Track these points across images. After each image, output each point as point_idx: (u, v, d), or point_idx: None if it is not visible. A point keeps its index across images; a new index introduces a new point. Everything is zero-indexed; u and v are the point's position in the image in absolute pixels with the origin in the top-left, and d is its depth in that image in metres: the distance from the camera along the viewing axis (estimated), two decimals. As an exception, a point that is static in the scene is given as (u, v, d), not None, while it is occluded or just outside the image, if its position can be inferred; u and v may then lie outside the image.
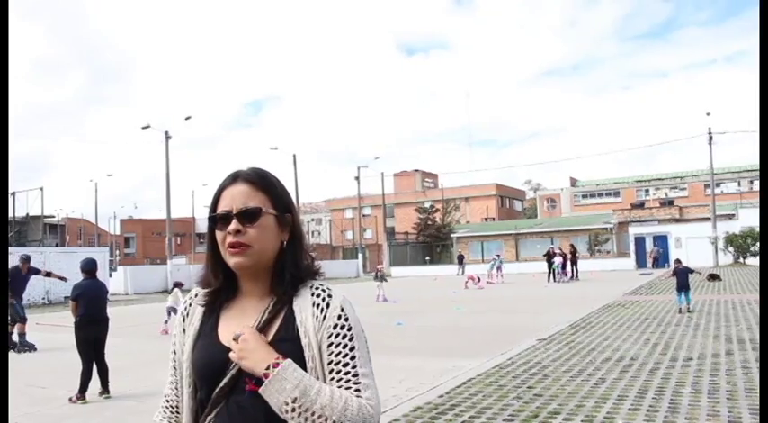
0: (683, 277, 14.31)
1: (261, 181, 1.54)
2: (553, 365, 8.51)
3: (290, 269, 1.52)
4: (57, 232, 66.50)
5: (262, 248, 1.49)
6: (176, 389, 1.61)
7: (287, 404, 1.34)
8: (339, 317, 1.48)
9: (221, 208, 1.51)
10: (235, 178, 1.54)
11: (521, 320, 14.74)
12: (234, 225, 1.47)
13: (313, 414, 1.34)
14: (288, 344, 1.45)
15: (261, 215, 1.49)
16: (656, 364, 8.30)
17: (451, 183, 76.47)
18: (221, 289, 1.57)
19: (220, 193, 1.53)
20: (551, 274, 30.87)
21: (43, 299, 26.77)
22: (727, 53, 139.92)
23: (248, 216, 1.48)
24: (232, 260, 1.48)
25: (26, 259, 12.95)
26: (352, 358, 1.45)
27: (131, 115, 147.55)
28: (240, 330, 1.43)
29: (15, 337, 12.42)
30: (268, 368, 1.36)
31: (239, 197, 1.50)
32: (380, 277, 23.14)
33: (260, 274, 1.53)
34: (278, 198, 1.54)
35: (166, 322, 14.30)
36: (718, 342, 9.93)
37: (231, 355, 1.41)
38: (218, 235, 1.50)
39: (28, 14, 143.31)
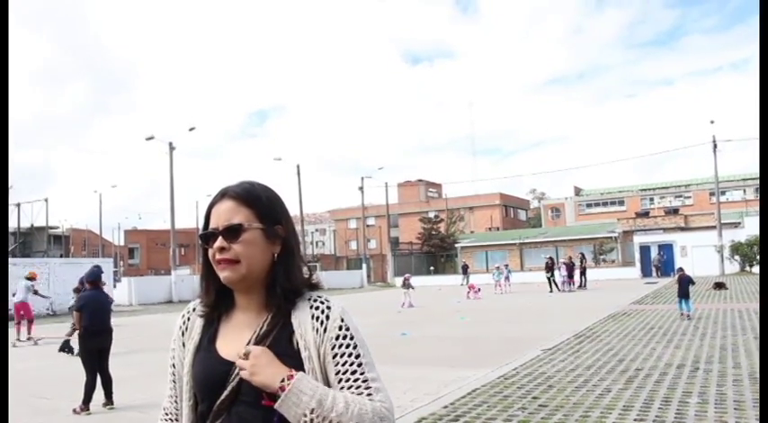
0: (684, 285, 14.85)
1: (246, 196, 1.54)
2: (558, 376, 8.46)
3: (282, 282, 1.52)
4: (61, 243, 66.57)
5: (248, 263, 1.49)
6: (175, 402, 1.61)
7: (305, 416, 1.36)
8: (340, 327, 1.48)
9: (210, 225, 1.53)
10: (222, 195, 1.55)
11: (525, 330, 14.68)
12: (219, 242, 1.49)
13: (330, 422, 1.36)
14: (287, 358, 1.44)
15: (243, 231, 1.49)
16: (661, 374, 8.24)
17: (456, 192, 76.46)
18: (219, 302, 1.57)
19: (210, 210, 1.55)
20: (551, 284, 30.74)
21: (47, 309, 26.79)
22: (732, 60, 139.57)
23: (231, 232, 1.49)
24: (221, 275, 1.50)
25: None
26: (360, 365, 1.46)
27: (136, 125, 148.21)
28: (248, 347, 1.44)
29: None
30: (283, 381, 1.37)
31: (224, 214, 1.51)
32: (407, 285, 25.71)
33: (253, 287, 1.53)
34: (264, 211, 1.54)
35: None
36: (725, 351, 9.87)
37: (242, 373, 1.41)
38: (210, 252, 1.52)
39: (32, 23, 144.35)
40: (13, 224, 50.03)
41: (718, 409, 6.26)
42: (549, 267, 31.26)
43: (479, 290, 28.46)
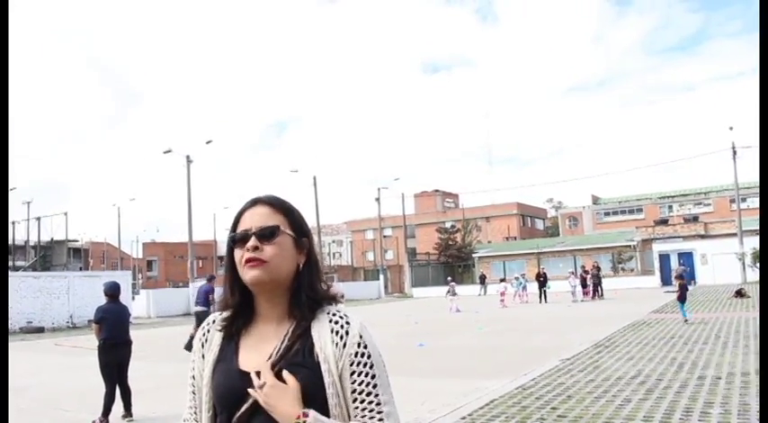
0: (684, 292, 16.57)
1: (280, 204, 1.60)
2: (577, 386, 8.39)
3: (307, 291, 1.54)
4: (80, 256, 67.26)
5: (278, 265, 1.51)
6: (195, 413, 1.62)
7: None
8: (359, 344, 1.50)
9: (241, 228, 1.55)
10: (255, 202, 1.60)
11: (544, 340, 14.58)
12: (252, 242, 1.51)
13: None
14: (306, 370, 1.47)
15: (279, 234, 1.53)
16: (682, 384, 8.14)
17: (473, 202, 76.21)
18: (239, 313, 1.59)
19: (240, 216, 1.59)
20: (543, 295, 31.25)
21: (67, 322, 27.07)
22: (756, 65, 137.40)
23: (267, 234, 1.52)
24: (249, 274, 1.51)
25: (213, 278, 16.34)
26: (374, 387, 1.48)
27: (154, 139, 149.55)
28: (260, 368, 1.47)
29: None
30: (298, 418, 1.40)
31: (259, 217, 1.55)
32: (452, 292, 27.36)
33: (277, 296, 1.55)
34: (295, 222, 1.60)
35: None
36: (748, 360, 9.72)
37: (254, 393, 1.44)
38: (237, 254, 1.54)
39: (53, 36, 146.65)
40: (33, 238, 50.70)
41: (741, 419, 6.16)
42: (542, 279, 31.87)
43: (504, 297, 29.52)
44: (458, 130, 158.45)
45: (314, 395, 1.44)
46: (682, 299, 16.53)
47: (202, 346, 1.63)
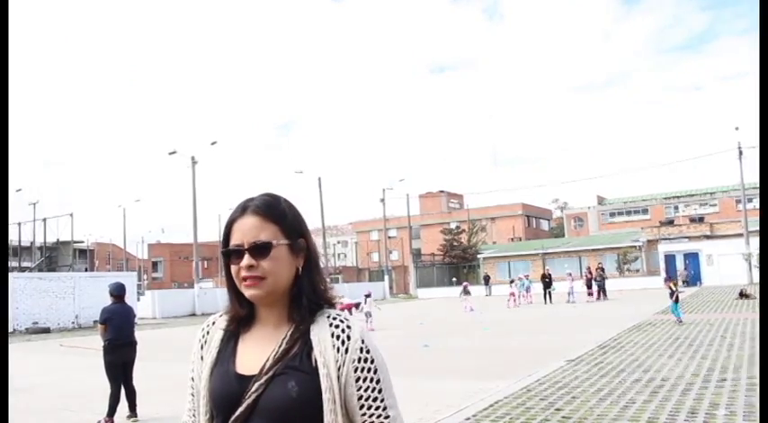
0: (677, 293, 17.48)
1: (271, 211, 1.53)
2: (582, 387, 8.37)
3: (308, 295, 1.52)
4: (86, 257, 67.55)
5: (276, 279, 1.49)
6: (194, 416, 1.61)
7: None
8: (361, 349, 1.48)
9: (233, 241, 1.50)
10: (244, 210, 1.53)
11: (549, 341, 14.55)
12: (246, 260, 1.47)
13: None
14: (303, 373, 1.45)
15: (272, 248, 1.49)
16: (688, 385, 8.11)
17: (478, 203, 76.16)
18: (239, 317, 1.57)
19: (231, 226, 1.53)
20: (548, 296, 31.51)
21: (72, 322, 27.16)
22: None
23: (260, 250, 1.48)
24: (247, 292, 1.49)
25: None
26: (380, 391, 1.48)
27: (160, 140, 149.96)
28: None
29: None
30: None
31: (250, 231, 1.49)
32: (466, 292, 28.62)
33: (276, 301, 1.53)
34: (289, 226, 1.54)
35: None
36: (753, 361, 9.68)
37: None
38: (233, 268, 1.51)
39: (58, 39, 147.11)
40: (39, 239, 50.89)
41: (747, 421, 6.14)
42: (547, 281, 32.30)
43: (513, 298, 29.85)
44: (463, 131, 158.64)
45: (309, 400, 1.42)
46: (677, 300, 17.13)
47: (201, 347, 1.61)
